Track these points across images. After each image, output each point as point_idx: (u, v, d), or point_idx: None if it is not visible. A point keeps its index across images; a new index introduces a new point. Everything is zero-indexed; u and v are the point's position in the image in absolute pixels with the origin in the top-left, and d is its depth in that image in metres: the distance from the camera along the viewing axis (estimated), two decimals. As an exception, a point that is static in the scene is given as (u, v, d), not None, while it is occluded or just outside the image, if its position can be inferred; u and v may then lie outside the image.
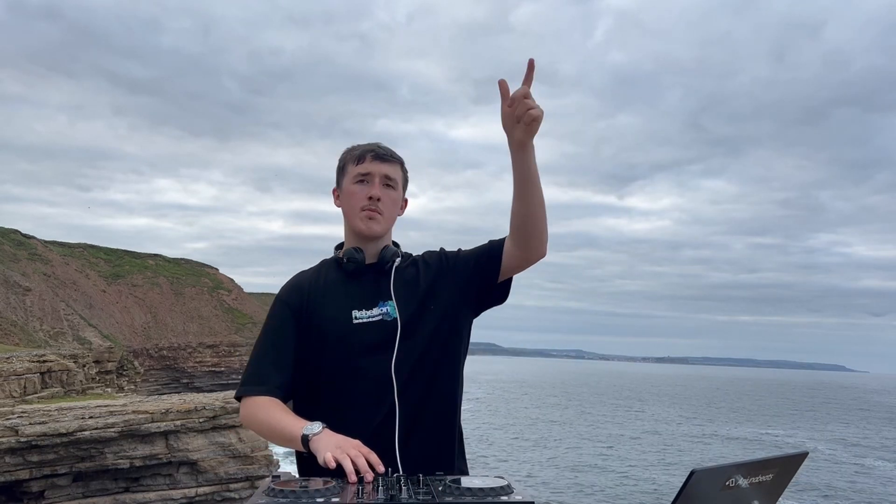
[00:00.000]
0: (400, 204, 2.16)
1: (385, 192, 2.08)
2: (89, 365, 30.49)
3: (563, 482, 32.75)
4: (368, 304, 2.02)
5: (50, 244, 55.36)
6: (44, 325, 42.40)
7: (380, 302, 2.02)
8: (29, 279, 45.67)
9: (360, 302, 2.02)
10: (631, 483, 33.09)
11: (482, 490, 1.49)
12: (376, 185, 2.07)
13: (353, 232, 2.12)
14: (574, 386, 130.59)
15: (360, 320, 2.00)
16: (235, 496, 19.93)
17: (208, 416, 19.87)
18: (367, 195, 2.06)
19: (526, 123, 1.79)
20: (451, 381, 2.04)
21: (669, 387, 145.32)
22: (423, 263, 2.13)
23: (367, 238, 2.10)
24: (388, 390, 1.93)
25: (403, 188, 2.17)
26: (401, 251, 2.17)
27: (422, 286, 2.07)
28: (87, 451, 18.32)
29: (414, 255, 2.19)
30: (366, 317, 2.00)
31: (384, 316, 2.00)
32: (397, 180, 2.11)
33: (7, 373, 21.04)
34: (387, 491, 1.50)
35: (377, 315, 2.00)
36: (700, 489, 1.33)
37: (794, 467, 1.54)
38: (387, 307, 2.01)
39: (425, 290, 2.06)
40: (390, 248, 2.11)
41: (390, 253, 2.10)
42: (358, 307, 2.01)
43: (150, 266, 61.09)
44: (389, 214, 2.10)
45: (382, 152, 2.10)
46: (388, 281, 2.05)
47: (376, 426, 1.90)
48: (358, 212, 2.07)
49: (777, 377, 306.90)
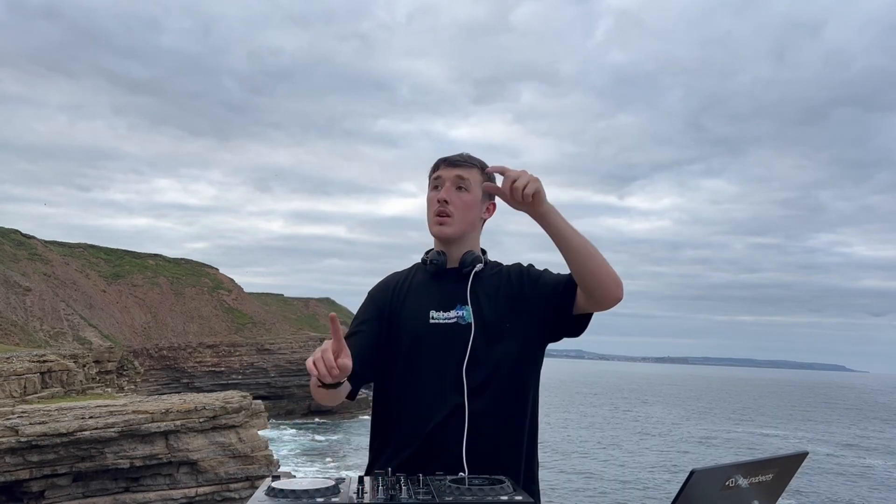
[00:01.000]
0: (478, 206, 2.13)
1: (457, 194, 2.09)
2: (89, 365, 30.46)
3: (563, 482, 32.73)
4: (446, 306, 2.07)
5: (50, 244, 55.34)
6: (44, 325, 42.39)
7: (457, 305, 2.06)
8: (29, 279, 45.66)
9: (438, 303, 2.07)
10: (631, 483, 33.09)
11: (482, 489, 1.50)
12: (448, 188, 2.09)
13: (433, 236, 2.18)
14: (574, 386, 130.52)
15: (437, 321, 2.05)
16: (235, 496, 19.92)
17: (208, 416, 19.87)
18: (438, 199, 2.10)
19: (529, 202, 1.83)
20: (521, 398, 2.06)
21: (669, 387, 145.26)
22: (507, 276, 2.13)
23: (441, 241, 2.14)
24: (456, 390, 1.97)
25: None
26: (486, 258, 2.17)
27: (501, 299, 2.07)
28: (87, 451, 18.32)
29: (502, 265, 2.19)
30: (442, 318, 2.05)
31: (459, 319, 2.04)
32: (472, 181, 2.10)
33: (7, 373, 21.03)
34: (387, 491, 1.50)
35: (452, 317, 2.05)
36: (700, 489, 1.33)
37: (794, 467, 1.54)
38: (463, 311, 2.04)
39: (505, 305, 2.07)
40: (472, 252, 2.12)
41: (471, 258, 2.11)
42: (436, 307, 2.07)
43: (150, 266, 61.04)
44: (461, 217, 2.09)
45: (456, 157, 2.13)
46: (466, 285, 2.07)
47: (439, 423, 1.96)
48: (432, 216, 2.12)
49: (777, 377, 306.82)
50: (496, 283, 2.11)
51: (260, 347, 56.56)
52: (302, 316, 66.34)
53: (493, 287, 2.10)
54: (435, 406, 1.97)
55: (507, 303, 2.07)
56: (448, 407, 1.96)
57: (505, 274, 2.14)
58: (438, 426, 1.95)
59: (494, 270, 2.15)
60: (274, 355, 56.64)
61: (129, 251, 62.80)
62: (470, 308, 2.04)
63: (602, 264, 1.92)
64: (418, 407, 2.00)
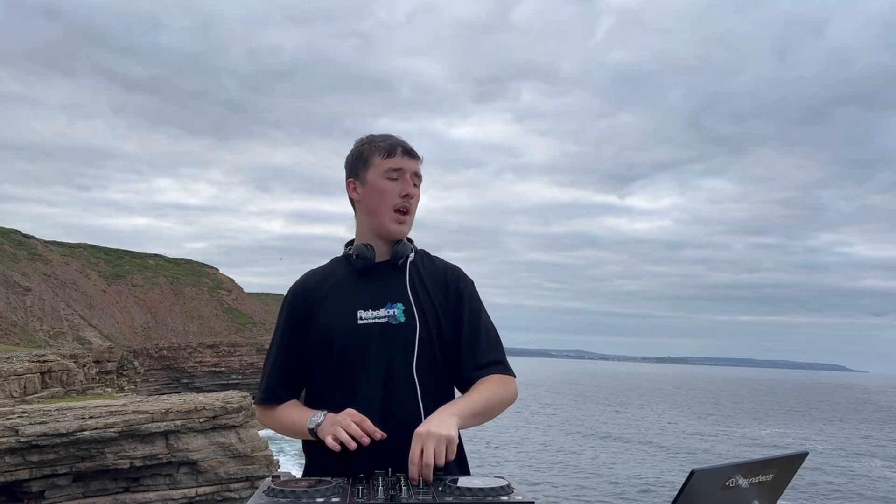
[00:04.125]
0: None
1: (414, 190, 2.00)
2: (89, 365, 30.47)
3: (563, 482, 32.74)
4: (376, 305, 1.93)
5: (50, 244, 55.36)
6: (44, 325, 42.40)
7: (388, 303, 1.93)
8: (29, 279, 45.66)
9: (366, 301, 1.94)
10: (631, 483, 33.08)
11: (482, 490, 1.49)
12: (409, 182, 1.98)
13: (375, 230, 2.01)
14: (574, 386, 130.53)
15: (366, 321, 1.92)
16: (235, 496, 19.92)
17: (208, 416, 19.87)
18: (402, 193, 1.96)
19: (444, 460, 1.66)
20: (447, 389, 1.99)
21: (669, 387, 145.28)
22: (444, 274, 2.03)
23: (392, 239, 2.01)
24: (406, 393, 1.88)
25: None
26: (414, 246, 2.06)
27: (440, 297, 1.98)
28: (87, 451, 18.32)
29: (435, 258, 2.09)
30: (371, 317, 1.92)
31: (390, 318, 1.91)
32: (422, 177, 2.04)
33: (7, 373, 21.03)
34: (387, 491, 1.50)
35: (383, 317, 1.92)
36: (700, 489, 1.33)
37: (794, 467, 1.54)
38: (394, 309, 1.92)
39: (440, 302, 1.98)
40: (404, 243, 2.01)
41: (403, 249, 1.99)
42: (364, 307, 1.93)
43: (150, 266, 61.08)
44: (414, 212, 2.03)
45: (412, 148, 2.01)
46: (401, 279, 1.96)
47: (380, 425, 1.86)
48: (390, 210, 1.97)
49: (777, 377, 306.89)
50: (436, 278, 2.01)
51: (260, 347, 56.54)
52: (302, 316, 66.16)
53: (432, 282, 1.99)
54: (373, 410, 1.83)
55: (440, 305, 1.97)
56: (382, 411, 1.84)
57: (441, 267, 2.04)
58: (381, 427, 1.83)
59: (427, 264, 2.04)
60: (274, 355, 56.62)
61: (129, 251, 62.85)
62: (402, 306, 1.92)
63: (501, 406, 1.91)
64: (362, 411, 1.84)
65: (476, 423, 1.85)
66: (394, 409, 1.86)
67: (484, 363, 1.94)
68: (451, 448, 1.65)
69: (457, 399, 1.87)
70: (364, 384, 1.89)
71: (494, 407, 1.88)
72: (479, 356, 1.95)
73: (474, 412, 1.81)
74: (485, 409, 1.85)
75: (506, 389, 1.92)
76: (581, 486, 31.97)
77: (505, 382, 1.93)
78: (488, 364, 1.94)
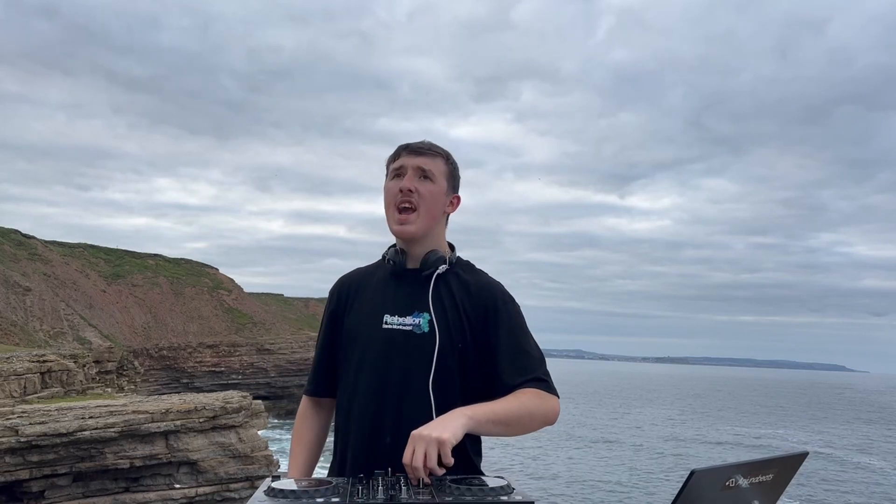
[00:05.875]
0: (443, 199, 1.96)
1: (420, 183, 1.91)
2: (89, 365, 30.45)
3: (563, 482, 32.75)
4: (403, 311, 1.89)
5: (50, 244, 55.35)
6: (44, 325, 42.38)
7: (415, 311, 1.88)
8: (29, 279, 45.65)
9: (395, 306, 1.90)
10: (631, 483, 33.09)
11: (482, 490, 1.49)
12: (409, 177, 1.91)
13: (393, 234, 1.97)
14: (574, 386, 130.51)
15: (391, 326, 1.88)
16: (235, 496, 19.93)
17: (208, 416, 19.88)
18: (399, 188, 1.91)
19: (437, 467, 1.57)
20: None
21: (669, 387, 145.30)
22: (479, 288, 1.93)
23: (400, 240, 1.95)
24: (420, 407, 1.82)
25: (451, 183, 1.99)
26: (454, 256, 1.98)
27: (467, 311, 1.89)
28: (87, 451, 18.32)
29: (475, 268, 2.00)
30: (397, 323, 1.88)
31: (414, 327, 1.86)
32: (436, 172, 1.93)
33: (7, 373, 21.03)
34: (386, 491, 1.50)
35: (408, 325, 1.87)
36: (700, 489, 1.32)
37: (794, 467, 1.54)
38: (420, 318, 1.86)
39: (470, 317, 1.89)
40: (436, 252, 1.93)
41: (434, 258, 1.92)
42: (391, 311, 1.89)
43: (150, 266, 61.06)
44: (426, 210, 1.91)
45: (418, 145, 1.95)
46: (428, 290, 1.89)
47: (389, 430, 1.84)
48: (392, 211, 1.92)
49: (777, 377, 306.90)
50: (469, 292, 1.91)
51: (260, 347, 56.58)
52: (302, 316, 66.31)
53: (465, 295, 1.91)
54: (368, 420, 1.84)
55: (469, 321, 1.89)
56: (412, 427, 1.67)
57: (477, 288, 1.93)
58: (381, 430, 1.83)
59: (464, 276, 1.95)
60: (274, 355, 56.66)
61: (129, 251, 62.83)
62: (428, 316, 1.86)
63: (532, 421, 1.79)
64: (366, 415, 1.85)
65: (499, 433, 1.75)
66: (406, 419, 1.78)
67: (522, 380, 1.83)
68: (443, 451, 1.55)
69: (480, 403, 1.75)
70: (378, 391, 1.86)
71: (521, 418, 1.76)
72: (519, 373, 1.84)
73: (494, 419, 1.71)
74: (508, 419, 1.74)
75: (539, 404, 1.79)
76: (581, 486, 31.97)
77: (540, 397, 1.81)
78: (528, 380, 1.84)
